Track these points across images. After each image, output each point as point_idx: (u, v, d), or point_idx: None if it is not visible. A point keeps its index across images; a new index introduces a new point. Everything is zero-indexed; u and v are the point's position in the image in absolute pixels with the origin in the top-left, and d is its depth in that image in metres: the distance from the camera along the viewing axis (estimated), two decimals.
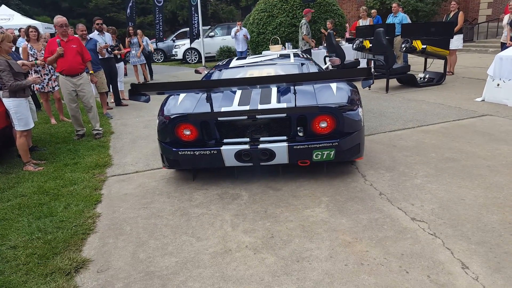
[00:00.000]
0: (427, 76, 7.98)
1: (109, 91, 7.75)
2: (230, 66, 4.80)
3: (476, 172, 3.36)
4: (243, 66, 4.70)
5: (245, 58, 5.45)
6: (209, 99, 3.42)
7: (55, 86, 6.55)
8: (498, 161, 3.56)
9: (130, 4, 18.06)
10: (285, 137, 3.37)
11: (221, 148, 3.33)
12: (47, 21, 19.07)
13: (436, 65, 8.34)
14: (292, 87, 3.46)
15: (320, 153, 3.29)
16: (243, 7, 28.21)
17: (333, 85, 3.54)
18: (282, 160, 3.37)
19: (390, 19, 9.85)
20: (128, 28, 10.20)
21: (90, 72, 5.71)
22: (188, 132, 3.42)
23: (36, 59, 6.12)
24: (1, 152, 4.92)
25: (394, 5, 9.82)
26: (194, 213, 3.06)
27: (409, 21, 9.81)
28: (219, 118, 3.35)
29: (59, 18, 5.16)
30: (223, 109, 3.39)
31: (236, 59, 5.32)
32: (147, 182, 3.81)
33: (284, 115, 3.28)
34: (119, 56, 8.51)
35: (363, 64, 10.06)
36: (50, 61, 5.24)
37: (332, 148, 3.26)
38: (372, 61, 8.37)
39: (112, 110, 7.67)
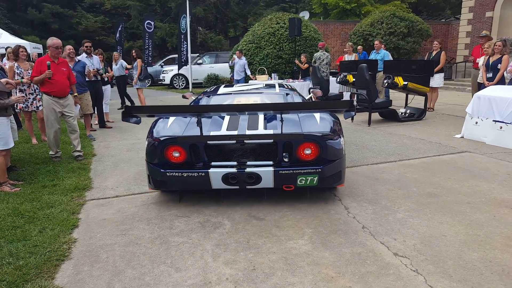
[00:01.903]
0: (408, 111, 8.22)
1: (94, 113, 7.68)
2: (218, 93, 4.93)
3: (457, 209, 3.41)
4: (231, 94, 4.83)
5: (232, 86, 5.59)
6: (198, 123, 3.50)
7: (39, 105, 6.45)
8: (477, 198, 3.64)
9: (119, 29, 18.27)
10: (271, 162, 3.47)
11: (209, 170, 3.40)
12: (35, 41, 19.04)
13: (417, 100, 8.61)
14: (277, 115, 3.62)
15: (304, 178, 3.41)
16: (231, 37, 28.81)
17: (317, 115, 3.72)
18: (268, 184, 3.46)
19: (372, 56, 10.20)
20: (132, 52, 10.18)
21: (75, 94, 5.67)
22: (177, 154, 3.48)
23: (22, 78, 6.05)
24: None
25: (376, 42, 10.20)
26: (174, 241, 2.98)
27: (390, 58, 10.19)
28: (208, 142, 3.46)
29: (55, 40, 5.13)
30: (212, 133, 3.48)
31: (224, 87, 5.46)
32: (127, 207, 3.71)
33: (271, 141, 3.43)
34: (106, 79, 8.50)
35: (346, 97, 10.31)
36: (36, 81, 5.14)
37: (315, 174, 3.40)
38: (355, 95, 8.59)
39: (95, 132, 7.57)
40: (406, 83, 7.62)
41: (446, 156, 5.17)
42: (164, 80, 18.34)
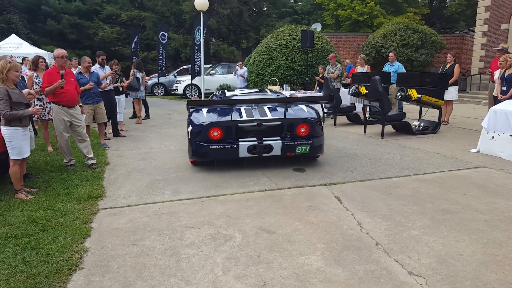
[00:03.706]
0: (422, 124, 8.11)
1: (108, 121, 7.81)
2: (226, 95, 6.61)
3: (474, 226, 3.32)
4: (237, 95, 6.50)
5: (233, 90, 7.30)
6: (227, 114, 5.28)
7: None
8: (495, 216, 3.54)
9: (135, 40, 18.60)
10: (279, 138, 5.09)
11: (238, 143, 4.97)
12: (53, 51, 19.52)
13: (431, 113, 8.50)
14: (277, 108, 5.47)
15: (300, 148, 5.08)
16: (243, 48, 29.10)
17: (304, 108, 5.55)
18: (277, 153, 5.07)
19: (386, 68, 10.14)
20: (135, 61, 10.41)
21: (80, 104, 5.81)
22: (216, 133, 4.98)
23: (40, 87, 6.19)
24: None
25: (390, 54, 10.15)
26: (184, 253, 2.96)
27: (404, 70, 10.11)
28: (238, 124, 5.00)
29: (59, 50, 5.28)
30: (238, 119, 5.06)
31: (228, 91, 7.04)
32: (139, 217, 3.72)
33: (279, 123, 5.09)
34: (120, 89, 8.64)
35: (358, 108, 10.27)
36: (48, 91, 5.17)
37: (308, 145, 5.08)
38: (368, 107, 8.53)
39: (109, 140, 7.66)
40: (420, 95, 7.55)
41: (461, 171, 5.07)
42: (178, 90, 18.54)
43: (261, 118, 5.08)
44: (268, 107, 5.45)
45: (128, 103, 10.67)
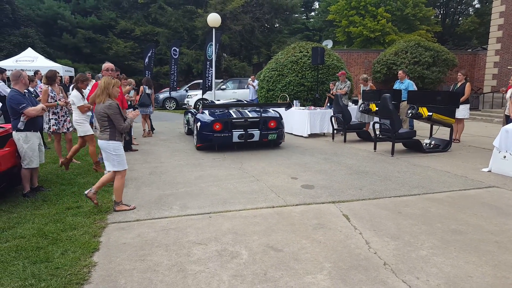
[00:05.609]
0: (433, 142, 8.04)
1: None
2: (216, 103, 9.72)
3: (484, 248, 3.27)
4: (224, 103, 9.34)
5: (219, 100, 10.59)
6: (223, 114, 7.91)
7: (70, 127, 6.71)
8: (506, 237, 3.48)
9: (149, 54, 18.94)
10: (257, 129, 7.82)
11: (232, 133, 7.66)
12: (67, 64, 20.02)
13: (442, 131, 8.44)
14: (254, 111, 8.20)
15: (271, 135, 7.90)
16: (255, 64, 29.37)
17: (272, 111, 8.40)
18: (256, 139, 7.83)
19: (396, 85, 10.13)
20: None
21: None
22: (218, 127, 7.58)
23: (55, 101, 6.34)
24: (6, 190, 4.92)
25: (400, 72, 10.15)
26: (191, 270, 2.97)
27: (415, 87, 10.09)
28: (233, 120, 7.67)
29: (106, 64, 5.84)
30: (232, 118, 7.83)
31: (217, 100, 10.64)
32: (147, 232, 3.75)
33: (258, 119, 7.82)
34: (129, 102, 8.79)
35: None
36: (93, 98, 5.32)
37: (275, 134, 7.94)
38: (375, 124, 8.51)
39: None
40: (431, 114, 7.51)
41: (472, 190, 5.00)
42: (189, 104, 18.78)
43: (246, 116, 7.81)
44: (248, 110, 8.20)
45: (139, 118, 10.85)
